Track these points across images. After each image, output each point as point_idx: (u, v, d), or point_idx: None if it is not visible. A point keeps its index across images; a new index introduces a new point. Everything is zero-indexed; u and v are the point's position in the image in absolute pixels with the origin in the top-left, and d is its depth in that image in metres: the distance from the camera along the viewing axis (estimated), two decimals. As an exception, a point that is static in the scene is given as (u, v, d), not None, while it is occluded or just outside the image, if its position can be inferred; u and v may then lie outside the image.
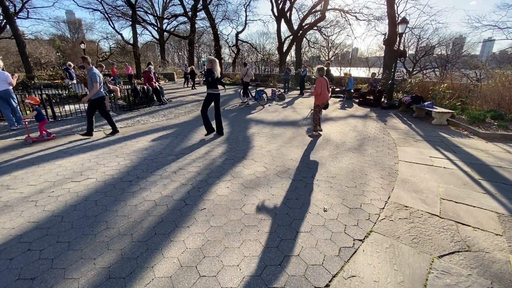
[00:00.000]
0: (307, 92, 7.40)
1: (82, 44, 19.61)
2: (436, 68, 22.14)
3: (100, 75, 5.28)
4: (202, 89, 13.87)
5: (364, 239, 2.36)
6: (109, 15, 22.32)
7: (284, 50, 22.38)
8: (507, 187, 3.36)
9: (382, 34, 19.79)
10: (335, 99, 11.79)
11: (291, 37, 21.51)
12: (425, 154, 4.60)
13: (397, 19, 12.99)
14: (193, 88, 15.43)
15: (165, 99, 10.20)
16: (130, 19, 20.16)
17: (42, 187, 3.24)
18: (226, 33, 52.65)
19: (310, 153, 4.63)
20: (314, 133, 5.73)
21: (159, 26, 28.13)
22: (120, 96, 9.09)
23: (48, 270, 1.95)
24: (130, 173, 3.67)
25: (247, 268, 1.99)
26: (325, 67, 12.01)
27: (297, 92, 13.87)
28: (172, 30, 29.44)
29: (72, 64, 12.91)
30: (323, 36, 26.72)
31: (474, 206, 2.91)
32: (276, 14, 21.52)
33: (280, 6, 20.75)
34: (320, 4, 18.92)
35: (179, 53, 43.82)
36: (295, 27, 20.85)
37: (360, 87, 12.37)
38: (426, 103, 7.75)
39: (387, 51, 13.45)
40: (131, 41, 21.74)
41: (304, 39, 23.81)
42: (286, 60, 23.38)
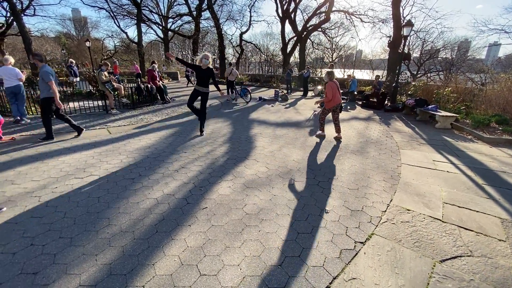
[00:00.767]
0: (317, 99, 7.37)
1: (87, 42, 19.73)
2: (441, 72, 22.02)
3: (53, 73, 4.82)
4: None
5: (366, 242, 2.35)
6: (115, 14, 22.52)
7: (288, 51, 22.33)
8: (511, 193, 3.34)
9: (387, 37, 19.70)
10: (338, 101, 11.75)
11: (295, 38, 21.44)
12: (429, 158, 4.57)
13: (402, 22, 12.94)
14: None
15: (169, 98, 10.23)
16: (135, 18, 20.26)
17: (46, 183, 3.27)
18: (230, 33, 52.95)
19: (313, 155, 4.62)
20: (321, 133, 5.74)
21: (164, 25, 28.25)
22: (124, 94, 9.14)
23: (51, 265, 1.96)
24: (133, 171, 3.69)
25: (248, 268, 1.99)
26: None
27: (300, 93, 13.88)
28: (177, 30, 29.52)
29: (74, 62, 13.01)
30: (327, 38, 26.63)
31: (477, 211, 2.88)
32: (281, 15, 21.47)
33: (285, 7, 20.69)
34: (325, 6, 18.85)
35: (183, 53, 43.97)
36: (300, 28, 20.80)
37: (364, 90, 12.32)
38: (430, 107, 7.71)
39: (392, 54, 13.39)
40: (136, 40, 21.89)
41: (308, 41, 23.72)
42: (290, 61, 23.35)
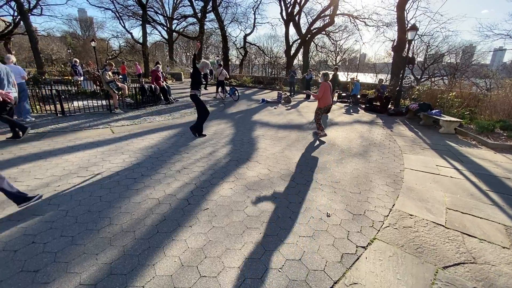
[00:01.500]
0: (309, 93, 7.59)
1: (93, 42, 19.94)
2: (445, 76, 21.87)
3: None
4: (212, 90, 14.04)
5: (367, 246, 2.33)
6: (120, 14, 22.73)
7: (292, 54, 22.38)
8: (516, 200, 3.29)
9: (391, 40, 19.62)
10: (341, 104, 11.73)
11: (299, 41, 21.48)
12: (432, 163, 4.53)
13: (407, 26, 12.91)
14: (205, 89, 15.12)
15: (172, 99, 10.29)
16: (140, 19, 20.48)
17: (48, 181, 3.29)
18: (235, 35, 52.98)
19: (315, 157, 4.61)
20: (321, 133, 5.87)
21: (169, 26, 28.51)
22: (128, 94, 9.20)
23: (51, 264, 1.97)
24: (135, 171, 3.71)
25: (248, 270, 1.98)
26: (333, 72, 12.09)
27: (303, 96, 13.87)
28: (181, 31, 29.76)
29: (78, 61, 13.13)
30: (331, 41, 26.62)
31: (481, 218, 2.85)
32: (285, 18, 21.55)
33: (289, 10, 20.77)
34: (330, 9, 18.89)
35: (187, 54, 44.27)
36: (304, 31, 20.83)
37: (367, 93, 12.30)
38: (434, 111, 7.66)
39: (396, 58, 13.37)
40: (141, 40, 22.07)
41: (312, 43, 23.75)
42: (293, 64, 23.37)
